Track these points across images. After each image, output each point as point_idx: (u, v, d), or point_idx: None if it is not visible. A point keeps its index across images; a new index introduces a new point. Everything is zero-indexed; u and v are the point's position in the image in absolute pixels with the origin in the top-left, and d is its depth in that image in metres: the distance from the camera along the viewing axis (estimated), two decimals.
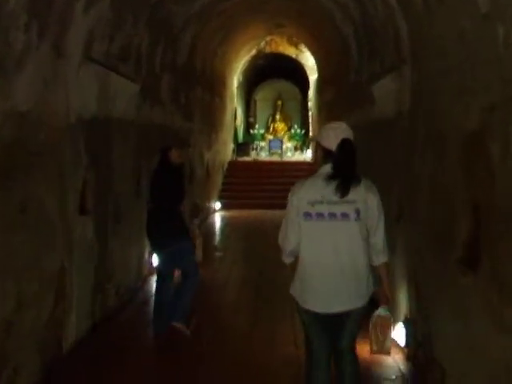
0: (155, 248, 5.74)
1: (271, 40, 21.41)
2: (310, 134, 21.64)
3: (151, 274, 8.03)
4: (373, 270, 3.48)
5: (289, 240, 3.46)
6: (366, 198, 3.38)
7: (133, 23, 6.57)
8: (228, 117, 17.58)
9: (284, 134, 24.73)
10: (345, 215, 3.33)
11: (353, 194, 3.34)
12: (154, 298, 5.74)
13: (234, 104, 19.73)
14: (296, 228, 3.40)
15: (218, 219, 14.32)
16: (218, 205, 15.24)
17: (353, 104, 8.74)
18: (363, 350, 4.29)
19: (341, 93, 10.45)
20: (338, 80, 10.86)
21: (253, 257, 9.57)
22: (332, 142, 3.42)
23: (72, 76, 5.04)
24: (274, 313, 6.47)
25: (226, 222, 13.93)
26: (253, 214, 14.98)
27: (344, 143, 3.40)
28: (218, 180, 15.81)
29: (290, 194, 3.50)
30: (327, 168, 3.40)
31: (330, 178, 3.34)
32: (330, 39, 11.19)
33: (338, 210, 3.33)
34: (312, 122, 19.36)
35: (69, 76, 4.96)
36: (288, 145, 23.21)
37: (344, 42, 9.30)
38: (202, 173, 12.58)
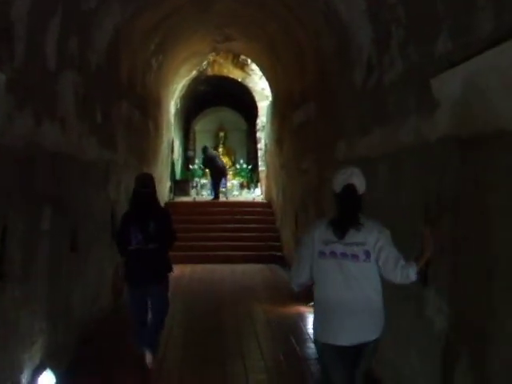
0: (142, 286, 5.53)
1: (214, 61, 18.64)
2: (260, 169, 18.58)
3: None
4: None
5: (299, 275, 3.75)
6: (377, 240, 3.49)
7: None
8: (164, 148, 14.24)
9: (228, 170, 21.56)
10: (354, 256, 3.51)
11: (362, 237, 3.51)
12: (134, 335, 5.70)
13: (172, 134, 16.41)
14: (307, 265, 3.67)
15: None
16: None
17: (365, 121, 5.67)
18: None
19: (329, 109, 7.37)
20: (323, 92, 7.80)
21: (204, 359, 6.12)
22: (338, 187, 3.63)
23: None
24: None
25: None
26: (198, 270, 11.62)
27: (345, 188, 3.59)
28: None
29: (305, 234, 3.80)
30: (334, 213, 3.66)
31: (332, 220, 3.61)
32: (306, 36, 8.18)
33: (349, 250, 3.52)
34: (266, 156, 16.20)
35: None
36: (233, 182, 20.04)
37: (340, 31, 6.28)
38: None
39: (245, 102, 20.18)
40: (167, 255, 5.62)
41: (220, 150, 22.10)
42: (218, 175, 16.85)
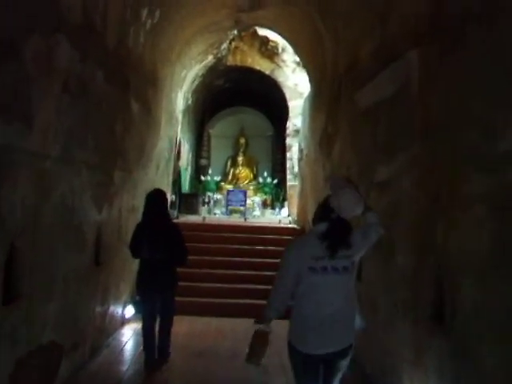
0: (152, 293, 5.95)
1: (236, 48, 15.12)
2: (289, 184, 14.68)
3: None
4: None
5: (281, 297, 3.55)
6: (361, 245, 3.60)
7: None
8: (163, 149, 10.31)
9: (248, 184, 17.67)
10: (345, 268, 3.52)
11: (351, 250, 3.53)
12: (143, 341, 5.99)
13: (177, 132, 12.48)
14: (292, 285, 3.51)
15: (128, 344, 6.87)
16: (129, 310, 7.87)
17: None
18: None
19: (469, 54, 3.39)
20: (440, 27, 3.83)
21: None
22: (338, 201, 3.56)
23: None
24: None
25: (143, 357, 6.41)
26: (197, 331, 7.69)
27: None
28: (131, 264, 7.98)
29: (287, 253, 3.63)
30: (322, 226, 3.56)
31: (324, 237, 3.51)
32: None
33: (340, 264, 3.50)
34: (301, 165, 12.19)
35: None
36: (254, 199, 16.10)
37: None
38: (76, 261, 5.29)
39: (272, 102, 16.39)
40: (175, 268, 5.98)
41: (239, 159, 18.24)
42: None
